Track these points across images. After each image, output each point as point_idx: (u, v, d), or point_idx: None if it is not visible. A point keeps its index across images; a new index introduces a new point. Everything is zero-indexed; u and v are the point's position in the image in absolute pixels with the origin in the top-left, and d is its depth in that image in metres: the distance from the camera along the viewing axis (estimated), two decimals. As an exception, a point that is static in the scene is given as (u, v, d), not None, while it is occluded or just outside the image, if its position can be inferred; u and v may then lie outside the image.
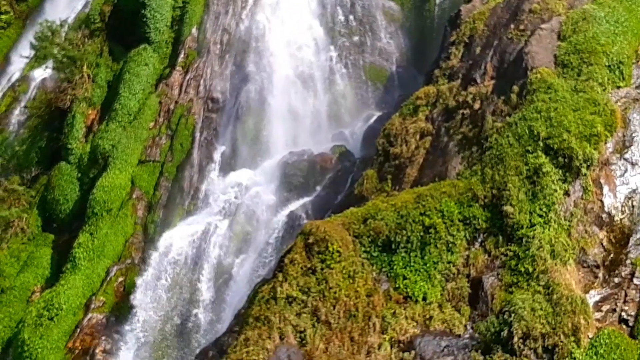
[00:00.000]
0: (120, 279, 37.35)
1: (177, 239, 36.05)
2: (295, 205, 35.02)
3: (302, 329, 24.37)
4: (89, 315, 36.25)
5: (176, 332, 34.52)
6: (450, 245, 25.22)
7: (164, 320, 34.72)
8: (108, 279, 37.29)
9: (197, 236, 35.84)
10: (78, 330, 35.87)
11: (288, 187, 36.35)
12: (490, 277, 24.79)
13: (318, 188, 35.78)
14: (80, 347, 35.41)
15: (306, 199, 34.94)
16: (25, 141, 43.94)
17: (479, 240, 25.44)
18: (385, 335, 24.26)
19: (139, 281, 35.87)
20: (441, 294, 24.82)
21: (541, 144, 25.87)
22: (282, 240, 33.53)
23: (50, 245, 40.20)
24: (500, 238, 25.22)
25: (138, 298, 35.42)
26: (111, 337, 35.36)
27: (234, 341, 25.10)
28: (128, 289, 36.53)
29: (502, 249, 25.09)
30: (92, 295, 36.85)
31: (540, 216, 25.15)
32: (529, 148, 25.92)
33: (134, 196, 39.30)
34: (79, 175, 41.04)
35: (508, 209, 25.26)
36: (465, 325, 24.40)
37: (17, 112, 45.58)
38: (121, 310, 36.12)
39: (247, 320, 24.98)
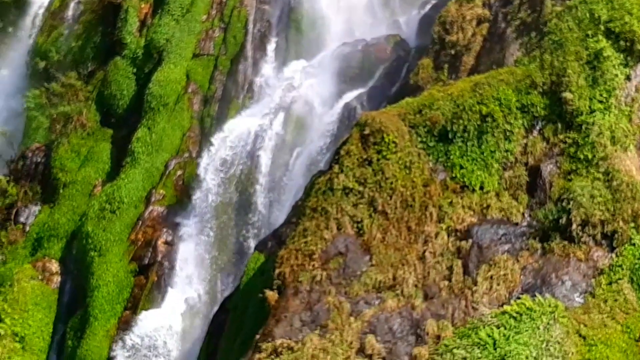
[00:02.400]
0: (179, 172, 37.82)
1: (233, 132, 36.21)
2: (350, 96, 34.79)
3: (359, 220, 24.57)
4: (150, 208, 36.92)
5: (234, 223, 35.03)
6: (507, 133, 24.98)
7: (221, 210, 35.20)
8: (167, 172, 37.78)
9: (253, 129, 35.93)
10: (140, 222, 36.61)
11: (343, 78, 36.05)
12: (548, 165, 24.59)
13: (373, 79, 35.44)
14: (142, 239, 36.22)
15: (361, 90, 34.67)
16: (81, 37, 44.08)
17: (537, 128, 25.14)
18: (442, 225, 24.37)
19: (196, 173, 36.25)
20: (498, 183, 24.74)
21: (602, 28, 25.21)
22: (337, 132, 33.48)
23: (109, 140, 40.75)
24: (559, 125, 24.89)
25: (196, 190, 35.86)
26: (172, 228, 36.06)
27: (292, 232, 25.45)
28: (187, 182, 37.01)
29: (561, 136, 24.79)
30: (152, 188, 37.45)
31: (601, 102, 24.72)
32: (590, 32, 25.27)
33: (190, 90, 39.41)
34: (135, 70, 41.20)
35: (567, 95, 24.83)
36: (523, 214, 24.37)
37: (71, 7, 45.61)
38: (181, 202, 36.69)
39: (305, 212, 25.25)
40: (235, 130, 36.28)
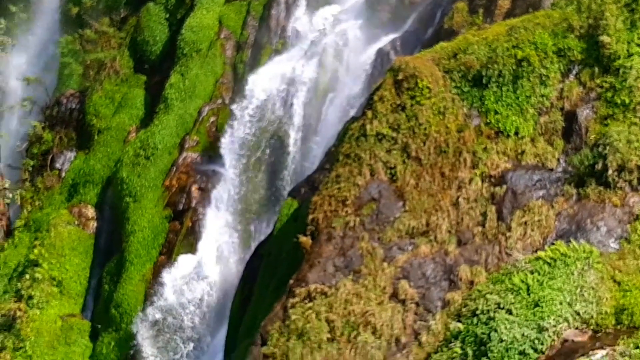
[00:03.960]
0: (212, 118, 37.89)
1: (266, 78, 36.11)
2: (383, 41, 34.46)
3: (393, 166, 24.52)
4: (184, 154, 37.10)
5: (267, 169, 35.11)
6: (543, 78, 24.66)
7: (255, 156, 35.27)
8: (200, 118, 37.87)
9: (286, 75, 35.81)
10: (174, 169, 36.84)
11: (376, 23, 35.69)
12: (584, 110, 24.29)
13: (407, 23, 35.05)
14: (176, 185, 36.47)
15: (395, 35, 34.33)
16: (113, -18, 44.02)
17: (574, 72, 24.80)
18: (476, 170, 24.25)
19: (229, 120, 36.26)
20: (534, 128, 24.50)
21: (641, -31, 24.66)
22: (370, 77, 33.27)
23: (142, 87, 40.85)
24: (596, 69, 24.51)
25: (227, 135, 35.87)
26: (205, 175, 36.23)
27: (325, 178, 25.46)
28: (220, 129, 37.08)
29: (598, 81, 24.43)
30: (185, 134, 37.59)
31: (639, 45, 24.28)
32: (629, -26, 24.76)
33: (222, 36, 39.28)
34: (167, 15, 41.10)
35: (605, 38, 24.41)
36: (558, 159, 24.16)
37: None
38: (214, 149, 36.81)
39: (338, 158, 25.22)
40: (268, 77, 36.16)
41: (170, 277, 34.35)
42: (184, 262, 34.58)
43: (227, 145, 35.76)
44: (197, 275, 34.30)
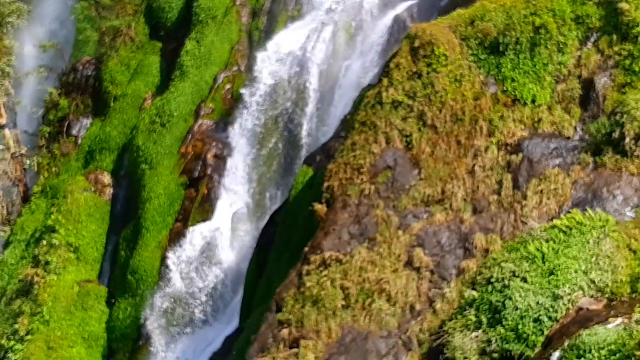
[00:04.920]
0: (228, 86, 37.83)
1: (282, 45, 35.96)
2: (400, 8, 34.25)
3: (408, 133, 24.45)
4: (199, 121, 37.11)
5: (283, 137, 35.08)
6: (561, 45, 24.45)
7: (270, 124, 35.23)
8: (216, 86, 37.82)
9: (302, 42, 35.65)
10: (189, 136, 36.86)
11: (393, -11, 35.46)
12: (602, 78, 24.09)
13: (424, -11, 34.79)
14: (192, 153, 36.51)
15: (411, 2, 34.11)
16: (129, -52, 43.79)
17: (592, 39, 24.57)
18: (492, 138, 24.15)
19: (245, 87, 36.18)
20: (551, 96, 24.34)
21: None
22: (387, 44, 33.10)
23: (158, 54, 40.79)
24: (615, 37, 24.27)
25: (244, 104, 35.83)
26: (221, 142, 36.24)
27: (341, 146, 25.43)
28: (235, 96, 37.03)
29: (616, 48, 24.20)
30: (201, 102, 37.57)
31: (658, 13, 24.04)
32: (648, -61, 24.42)
33: (238, 2, 39.10)
34: (183, -18, 40.95)
35: (624, 5, 24.15)
36: (575, 127, 24.03)
37: None
38: (230, 116, 36.79)
39: (353, 125, 25.17)
40: (284, 43, 36.02)
41: (187, 243, 34.51)
42: (200, 229, 34.69)
43: (244, 111, 35.65)
44: (213, 242, 34.42)
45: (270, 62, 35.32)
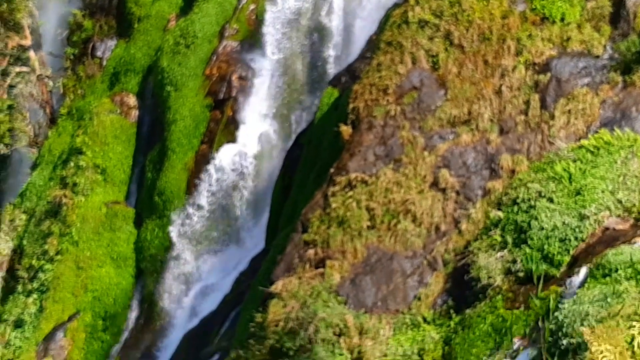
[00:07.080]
0: (252, 6, 37.45)
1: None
2: None
3: (435, 53, 24.18)
4: (224, 42, 36.86)
5: (309, 57, 34.83)
6: (592, -39, 23.94)
7: (295, 44, 34.95)
8: (240, 6, 37.45)
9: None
10: (214, 57, 36.67)
11: None
12: (634, -5, 23.63)
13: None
14: (217, 74, 36.37)
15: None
16: None
17: (624, -45, 23.99)
18: (519, 58, 23.83)
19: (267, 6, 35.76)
20: (580, 14, 23.90)
21: None
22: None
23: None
24: (647, -48, 23.72)
25: (268, 26, 35.45)
26: (246, 64, 36.05)
27: (366, 66, 25.23)
28: (259, 17, 36.66)
29: (649, -36, 23.67)
30: (225, 23, 37.25)
31: None
32: None
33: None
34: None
35: None
36: (605, 46, 23.64)
37: None
38: (254, 37, 36.50)
39: (379, 46, 24.91)
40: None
41: (213, 165, 34.63)
42: (226, 151, 34.77)
43: (268, 32, 35.33)
44: (238, 164, 34.51)
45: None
